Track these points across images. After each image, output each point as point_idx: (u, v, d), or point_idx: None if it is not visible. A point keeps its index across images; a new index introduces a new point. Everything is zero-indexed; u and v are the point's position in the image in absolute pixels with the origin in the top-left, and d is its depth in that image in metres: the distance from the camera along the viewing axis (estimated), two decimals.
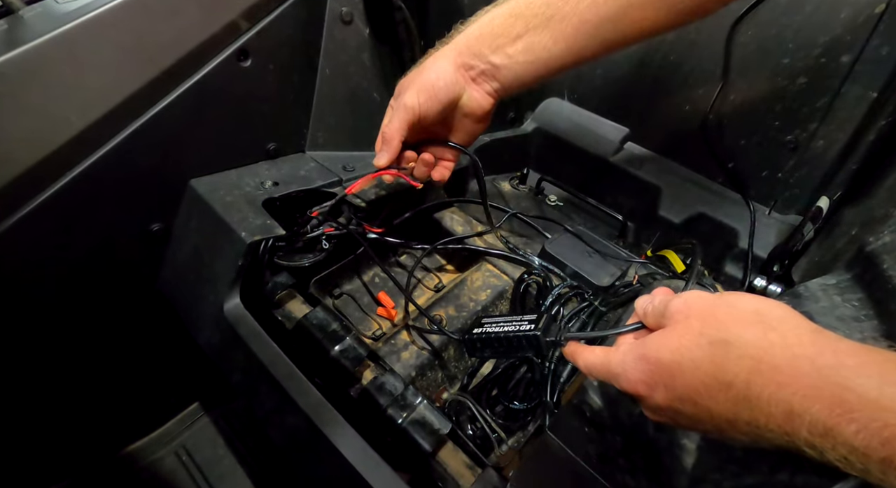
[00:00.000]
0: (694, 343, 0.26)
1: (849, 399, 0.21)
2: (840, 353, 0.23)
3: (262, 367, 0.46)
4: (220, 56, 0.52)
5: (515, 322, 0.44)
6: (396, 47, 0.69)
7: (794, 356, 0.23)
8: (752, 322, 0.25)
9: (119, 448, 0.67)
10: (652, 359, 0.28)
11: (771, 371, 0.23)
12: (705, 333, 0.26)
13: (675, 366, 0.27)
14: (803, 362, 0.23)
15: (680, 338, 0.27)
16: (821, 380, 0.22)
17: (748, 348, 0.24)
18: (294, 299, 0.57)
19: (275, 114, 0.61)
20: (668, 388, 0.27)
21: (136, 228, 0.55)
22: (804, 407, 0.22)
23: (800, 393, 0.22)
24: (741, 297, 0.27)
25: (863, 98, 0.56)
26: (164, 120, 0.50)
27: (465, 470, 0.44)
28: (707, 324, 0.26)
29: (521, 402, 0.52)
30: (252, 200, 0.55)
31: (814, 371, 0.23)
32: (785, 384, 0.23)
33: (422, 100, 0.46)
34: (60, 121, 0.44)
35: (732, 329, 0.25)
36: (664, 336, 0.28)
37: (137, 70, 0.47)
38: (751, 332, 0.25)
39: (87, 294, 0.56)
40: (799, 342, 0.24)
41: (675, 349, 0.27)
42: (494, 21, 0.46)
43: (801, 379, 0.23)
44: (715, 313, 0.27)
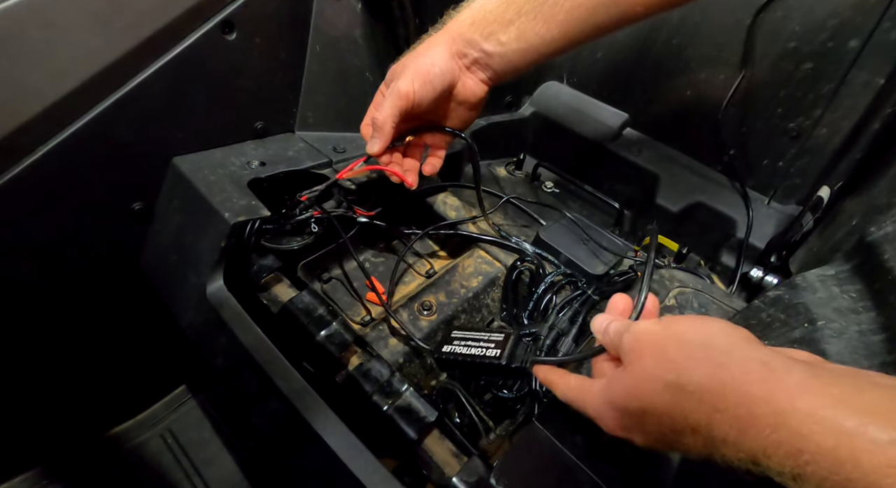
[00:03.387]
0: (651, 388, 0.27)
1: (807, 449, 0.21)
2: (792, 394, 0.22)
3: (245, 351, 0.45)
4: (203, 27, 0.50)
5: (483, 342, 0.45)
6: (390, 25, 0.66)
7: (749, 397, 0.23)
8: (701, 359, 0.26)
9: (103, 430, 0.67)
10: (619, 406, 0.29)
11: (729, 419, 0.23)
12: (659, 376, 0.27)
13: (642, 414, 0.28)
14: (758, 405, 0.23)
15: (638, 382, 0.28)
16: (777, 428, 0.22)
17: (703, 393, 0.25)
18: (281, 283, 0.55)
19: (262, 91, 0.59)
20: (643, 433, 0.28)
21: (115, 207, 0.53)
22: (767, 453, 0.22)
23: (760, 439, 0.22)
24: (689, 327, 0.28)
25: (869, 85, 0.55)
26: (144, 93, 0.48)
27: (452, 458, 0.43)
28: (659, 366, 0.27)
29: (510, 391, 0.52)
30: (237, 180, 0.54)
31: (769, 415, 0.22)
32: (745, 430, 0.23)
33: (416, 86, 0.45)
34: (31, 90, 0.42)
35: (684, 371, 0.26)
36: (624, 380, 0.29)
37: (115, 39, 0.45)
38: (701, 372, 0.25)
39: (67, 274, 0.54)
40: (748, 380, 0.24)
41: (637, 396, 0.28)
42: (487, 7, 0.45)
43: (759, 425, 0.22)
44: (666, 351, 0.27)
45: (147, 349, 0.67)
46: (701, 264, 0.71)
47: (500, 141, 0.84)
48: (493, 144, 0.83)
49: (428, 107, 0.47)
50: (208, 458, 0.65)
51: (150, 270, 0.58)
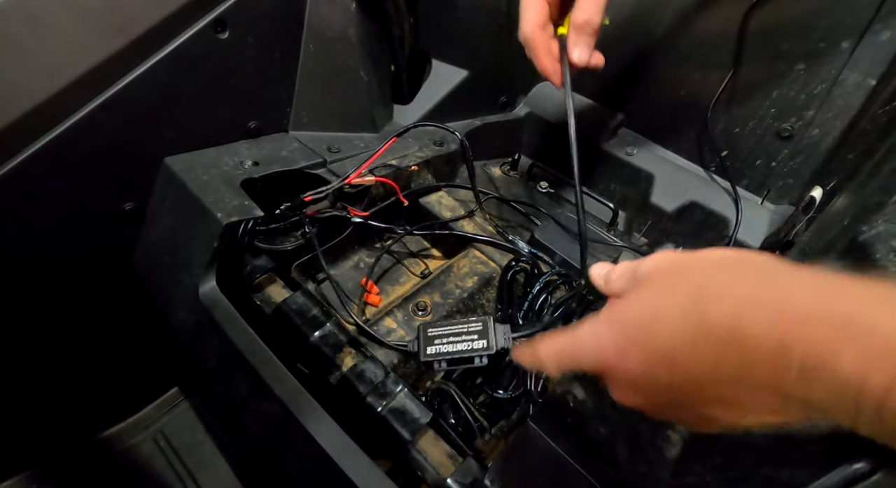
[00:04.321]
0: (669, 294, 0.23)
1: (853, 324, 0.18)
2: (838, 280, 0.20)
3: (238, 353, 0.45)
4: (196, 26, 0.49)
5: (464, 335, 0.45)
6: (384, 24, 0.66)
7: (785, 288, 0.20)
8: (732, 266, 0.23)
9: (95, 432, 0.66)
10: (623, 318, 0.25)
11: (757, 306, 0.20)
12: (680, 284, 0.23)
13: (651, 320, 0.23)
14: (796, 291, 0.20)
15: (653, 294, 0.24)
16: (819, 306, 0.19)
17: (730, 288, 0.21)
18: (274, 283, 0.55)
19: (255, 90, 0.59)
20: (643, 348, 0.24)
21: (106, 207, 0.53)
22: (798, 335, 0.19)
23: (793, 320, 0.19)
24: (714, 249, 0.25)
25: (861, 85, 0.55)
26: (135, 92, 0.48)
27: (446, 459, 0.43)
28: (681, 276, 0.24)
29: (506, 391, 0.51)
30: (230, 180, 0.53)
31: (810, 297, 0.19)
32: (776, 315, 0.20)
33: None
34: (19, 89, 0.41)
35: (710, 274, 0.23)
36: (635, 295, 0.25)
37: (105, 37, 0.44)
38: (732, 275, 0.22)
39: (58, 275, 0.53)
40: (783, 277, 0.21)
41: (650, 304, 0.24)
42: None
43: (795, 307, 0.19)
44: (687, 264, 0.24)
45: (139, 351, 0.66)
46: None
47: (495, 141, 0.84)
48: (489, 144, 0.83)
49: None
50: (201, 461, 0.65)
51: (142, 271, 0.58)
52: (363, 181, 0.59)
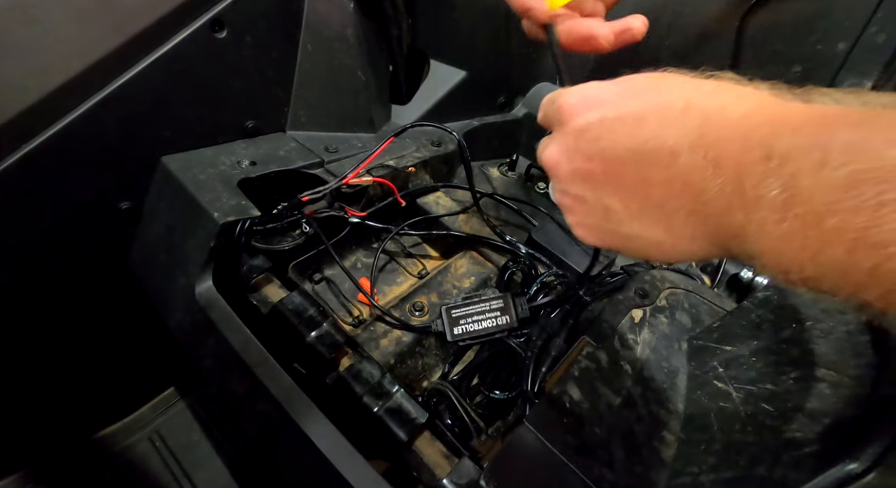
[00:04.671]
0: (683, 76, 0.25)
1: (841, 134, 0.17)
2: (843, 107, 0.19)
3: (234, 353, 0.45)
4: (193, 25, 0.49)
5: (488, 313, 0.50)
6: (382, 24, 0.66)
7: (776, 99, 0.21)
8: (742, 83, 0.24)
9: (90, 433, 0.66)
10: (625, 80, 0.26)
11: (757, 97, 0.21)
12: (677, 76, 0.25)
13: (646, 86, 0.25)
14: (805, 104, 0.20)
15: (667, 73, 0.25)
16: (817, 114, 0.19)
17: (745, 87, 0.22)
18: (271, 283, 0.55)
19: (252, 90, 0.58)
20: (617, 106, 0.25)
21: (103, 206, 0.52)
22: (780, 131, 0.18)
23: (781, 117, 0.19)
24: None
25: (858, 87, 0.55)
26: (132, 92, 0.48)
27: (442, 459, 0.43)
28: (684, 78, 0.25)
29: (502, 392, 0.51)
30: (227, 180, 0.53)
31: (813, 110, 0.19)
32: (768, 110, 0.20)
33: None
34: (16, 88, 0.41)
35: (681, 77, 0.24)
36: (641, 75, 0.26)
37: (101, 36, 0.44)
38: (732, 84, 0.23)
39: (53, 274, 0.53)
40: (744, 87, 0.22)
41: (658, 76, 0.25)
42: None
43: (789, 109, 0.20)
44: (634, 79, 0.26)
45: (135, 350, 0.66)
46: (692, 264, 0.71)
47: (493, 141, 0.84)
48: (487, 145, 0.83)
49: None
50: (197, 461, 0.65)
51: (138, 270, 0.57)
52: (361, 181, 0.59)
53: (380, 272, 0.62)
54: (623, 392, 0.40)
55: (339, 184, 0.57)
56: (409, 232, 0.62)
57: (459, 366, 0.55)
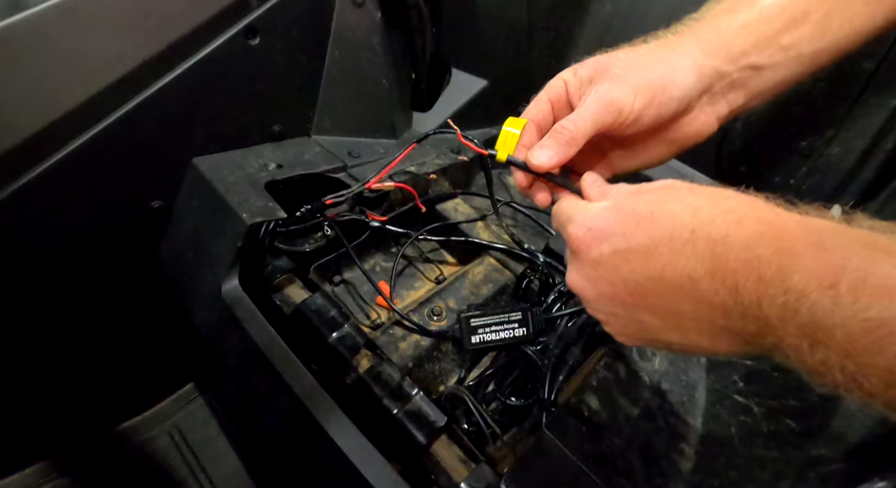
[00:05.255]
0: (677, 197, 0.25)
1: (849, 267, 0.19)
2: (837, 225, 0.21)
3: (258, 350, 0.46)
4: (228, 33, 0.51)
5: (506, 324, 0.51)
6: (407, 33, 0.67)
7: (785, 221, 0.22)
8: (740, 196, 0.25)
9: (112, 425, 0.67)
10: (625, 209, 0.26)
11: (756, 223, 0.22)
12: (693, 191, 0.25)
13: (649, 217, 0.25)
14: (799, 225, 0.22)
15: (661, 195, 0.25)
16: (816, 240, 0.20)
17: (737, 205, 0.23)
18: (293, 284, 0.56)
19: (281, 95, 0.60)
20: (625, 238, 0.25)
21: (136, 205, 0.54)
22: (790, 265, 0.20)
23: (787, 248, 0.20)
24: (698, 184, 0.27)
25: (883, 106, 0.55)
26: (169, 95, 0.49)
27: (459, 464, 0.44)
28: (692, 191, 0.25)
29: (518, 398, 0.52)
30: (255, 182, 0.55)
31: (810, 234, 0.21)
32: (771, 239, 0.21)
33: (639, 104, 0.31)
34: (62, 90, 0.43)
35: (719, 198, 0.24)
36: (640, 192, 0.26)
37: (142, 43, 0.46)
38: (737, 201, 0.24)
39: (85, 268, 0.55)
40: (791, 216, 0.23)
41: (654, 203, 0.25)
42: (762, 2, 0.32)
43: (791, 236, 0.21)
44: (701, 187, 0.26)
45: (159, 345, 0.67)
46: None
47: None
48: None
49: (631, 133, 0.34)
50: (214, 456, 0.66)
51: (167, 268, 0.59)
52: (383, 186, 0.59)
53: (398, 276, 0.63)
54: (641, 403, 0.40)
55: (361, 189, 0.58)
56: (428, 237, 0.63)
57: (475, 371, 0.55)
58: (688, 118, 0.34)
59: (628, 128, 0.32)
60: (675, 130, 0.35)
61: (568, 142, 0.31)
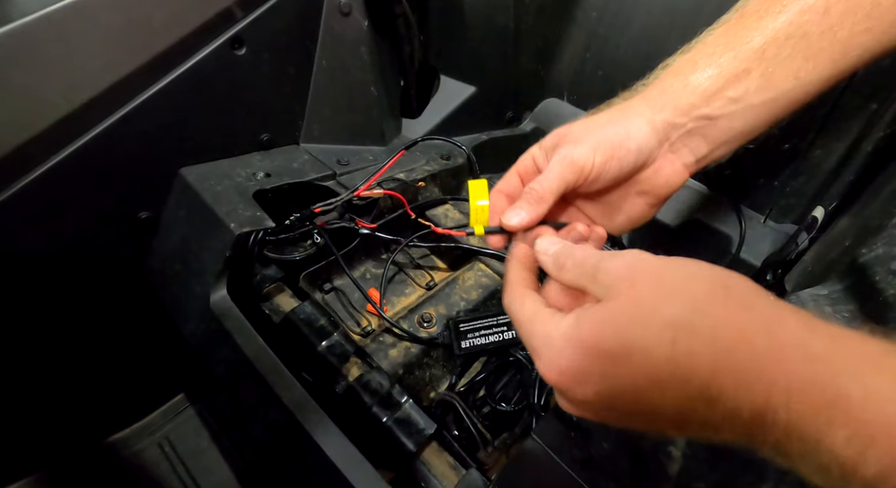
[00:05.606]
0: (648, 324, 0.21)
1: (846, 398, 0.17)
2: (838, 339, 0.19)
3: (247, 361, 0.46)
4: (214, 43, 0.51)
5: (494, 328, 0.51)
6: (395, 41, 0.68)
7: (778, 342, 0.19)
8: (721, 297, 0.21)
9: (101, 437, 0.67)
10: (589, 345, 0.22)
11: (748, 361, 0.19)
12: (662, 312, 0.21)
13: (621, 355, 0.21)
14: (790, 351, 0.19)
15: (629, 316, 0.22)
16: (811, 373, 0.18)
17: (720, 332, 0.20)
18: (283, 293, 0.56)
19: (269, 104, 0.60)
20: (605, 380, 0.22)
21: (123, 216, 0.54)
22: (782, 404, 0.18)
23: (781, 386, 0.18)
24: (699, 264, 0.23)
25: (863, 108, 0.56)
26: (155, 107, 0.49)
27: (450, 470, 0.44)
28: (663, 298, 0.21)
29: (509, 404, 0.52)
30: (243, 191, 0.55)
31: (803, 361, 0.18)
32: (763, 376, 0.19)
33: (599, 159, 0.33)
34: (46, 103, 0.43)
35: (698, 306, 0.21)
36: (606, 312, 0.22)
37: (128, 54, 0.46)
38: (721, 311, 0.20)
39: (72, 280, 0.55)
40: (782, 324, 0.20)
41: (623, 331, 0.21)
42: (704, 60, 0.34)
43: (786, 371, 0.18)
44: (672, 282, 0.22)
45: (147, 356, 0.67)
46: None
47: (501, 155, 0.85)
48: (495, 158, 0.85)
49: (599, 187, 0.35)
50: (205, 467, 0.65)
51: (154, 278, 0.59)
52: (372, 194, 0.60)
53: (389, 283, 0.63)
54: None
55: (350, 197, 0.58)
56: (418, 244, 0.64)
57: (466, 377, 0.56)
58: (653, 169, 0.36)
59: (594, 183, 0.34)
60: (645, 182, 0.36)
61: (537, 201, 0.33)
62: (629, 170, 0.35)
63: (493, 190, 0.37)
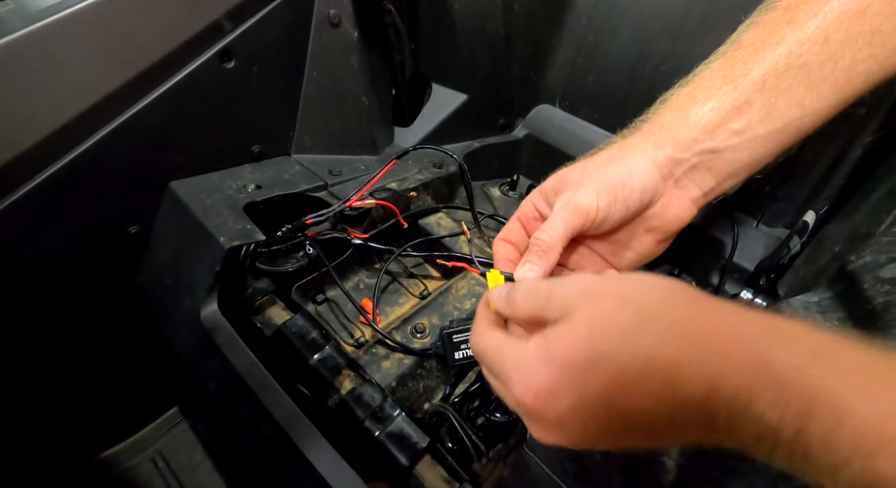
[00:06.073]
0: (612, 332, 0.22)
1: (772, 364, 0.19)
2: (767, 323, 0.21)
3: (237, 376, 0.45)
4: (202, 57, 0.51)
5: None
6: (386, 50, 0.68)
7: (716, 329, 0.21)
8: (670, 301, 0.22)
9: (94, 453, 0.66)
10: (560, 361, 0.23)
11: (697, 345, 0.21)
12: (623, 320, 0.22)
13: (591, 363, 0.22)
14: (727, 336, 0.21)
15: (594, 328, 0.23)
16: (742, 351, 0.20)
17: (673, 329, 0.21)
18: (275, 305, 0.56)
19: (259, 116, 0.60)
20: (577, 390, 0.23)
21: (113, 231, 0.54)
22: (726, 379, 0.20)
23: (723, 365, 0.20)
24: (644, 275, 0.24)
25: (852, 114, 0.56)
26: (143, 121, 0.49)
27: (443, 484, 0.43)
28: (622, 307, 0.23)
29: (503, 414, 0.52)
30: (233, 204, 0.54)
31: (737, 341, 0.21)
32: (709, 357, 0.20)
33: (603, 203, 0.33)
34: (32, 120, 0.43)
35: (653, 311, 0.22)
36: (571, 329, 0.23)
37: (115, 70, 0.46)
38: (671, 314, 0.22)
39: (62, 296, 0.54)
40: (720, 316, 0.22)
41: (590, 342, 0.22)
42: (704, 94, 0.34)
43: (727, 350, 0.20)
44: (627, 293, 0.23)
45: (139, 371, 0.66)
46: (692, 285, 0.72)
47: (494, 162, 0.85)
48: (488, 165, 0.85)
49: (607, 230, 0.35)
50: (199, 482, 0.65)
51: (145, 293, 0.58)
52: (364, 204, 0.60)
53: (382, 293, 0.63)
54: None
55: (342, 208, 0.58)
56: (410, 253, 0.63)
57: (460, 387, 0.55)
58: (660, 206, 0.35)
59: (601, 225, 0.34)
60: (653, 219, 0.36)
61: (546, 252, 0.33)
62: (636, 210, 0.34)
63: (497, 239, 0.37)
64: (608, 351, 0.22)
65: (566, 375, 0.23)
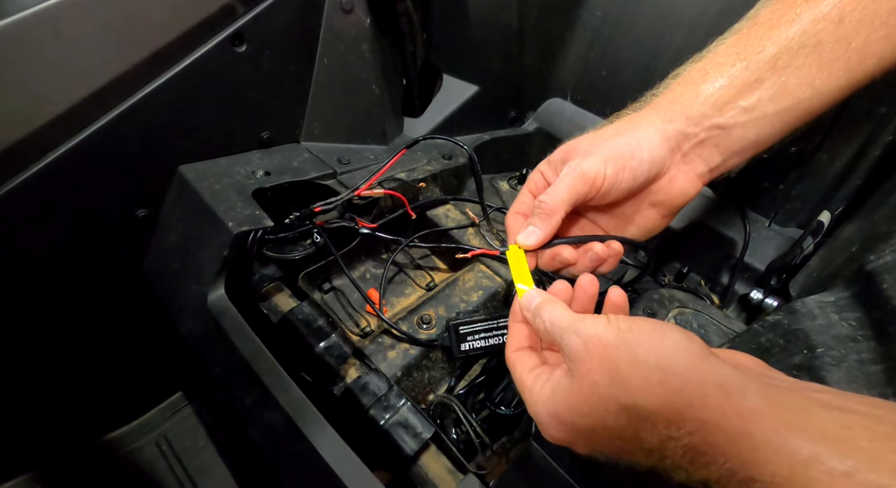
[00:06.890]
0: (604, 409, 0.25)
1: (761, 478, 0.21)
2: (747, 420, 0.22)
3: (244, 362, 0.45)
4: (214, 40, 0.51)
5: (494, 331, 0.51)
6: (397, 39, 0.67)
7: (704, 425, 0.23)
8: (657, 384, 0.24)
9: (98, 435, 0.66)
10: (566, 421, 0.27)
11: (683, 447, 0.23)
12: (613, 397, 0.25)
13: (591, 431, 0.26)
14: (713, 434, 0.23)
15: (588, 400, 0.26)
16: (732, 457, 0.22)
17: (658, 420, 0.24)
18: (281, 292, 0.56)
19: (269, 101, 0.60)
20: (590, 447, 0.28)
21: (121, 214, 0.54)
22: (721, 482, 0.22)
23: (715, 467, 0.23)
24: (642, 340, 0.25)
25: (871, 112, 0.55)
26: (153, 103, 0.49)
27: (447, 474, 0.43)
28: (613, 386, 0.25)
29: (508, 407, 0.51)
30: (242, 190, 0.54)
31: (724, 443, 0.22)
32: (699, 457, 0.23)
33: (610, 171, 0.33)
34: (42, 99, 0.43)
35: (640, 396, 0.24)
36: (571, 394, 0.27)
37: (126, 51, 0.46)
38: (657, 398, 0.24)
39: (69, 278, 0.54)
40: (704, 406, 0.23)
41: (586, 415, 0.26)
42: (715, 69, 0.34)
43: (713, 453, 0.23)
44: (619, 369, 0.25)
45: (145, 354, 0.67)
46: (702, 284, 0.71)
47: (503, 155, 0.85)
48: (497, 158, 0.84)
49: (612, 199, 0.35)
50: (202, 466, 0.65)
51: (152, 277, 0.58)
52: (372, 193, 0.59)
53: (389, 283, 0.63)
54: None
55: (350, 196, 0.58)
56: (418, 244, 0.63)
57: (465, 379, 0.55)
58: (666, 179, 0.36)
59: (606, 195, 0.34)
60: (658, 193, 0.36)
61: (549, 214, 0.33)
62: (643, 181, 0.35)
63: (509, 213, 0.38)
64: (606, 432, 0.26)
65: (575, 434, 0.27)
